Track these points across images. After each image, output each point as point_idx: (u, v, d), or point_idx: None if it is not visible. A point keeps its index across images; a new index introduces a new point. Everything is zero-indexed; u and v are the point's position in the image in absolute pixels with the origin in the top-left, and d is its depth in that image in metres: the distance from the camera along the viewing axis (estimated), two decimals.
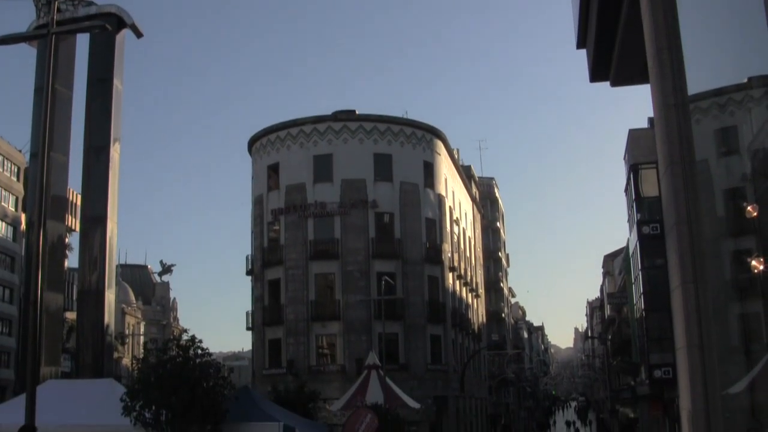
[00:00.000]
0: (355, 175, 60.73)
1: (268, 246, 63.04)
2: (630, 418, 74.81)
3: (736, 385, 8.39)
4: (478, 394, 79.92)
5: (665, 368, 44.53)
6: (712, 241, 8.92)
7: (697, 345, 8.79)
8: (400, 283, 59.59)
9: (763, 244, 7.41)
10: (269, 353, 61.67)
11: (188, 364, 20.77)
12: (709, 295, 8.83)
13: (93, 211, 36.44)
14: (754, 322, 7.89)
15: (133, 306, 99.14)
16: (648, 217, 47.81)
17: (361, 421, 27.08)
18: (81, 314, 36.80)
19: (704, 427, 8.70)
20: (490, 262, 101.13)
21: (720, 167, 8.84)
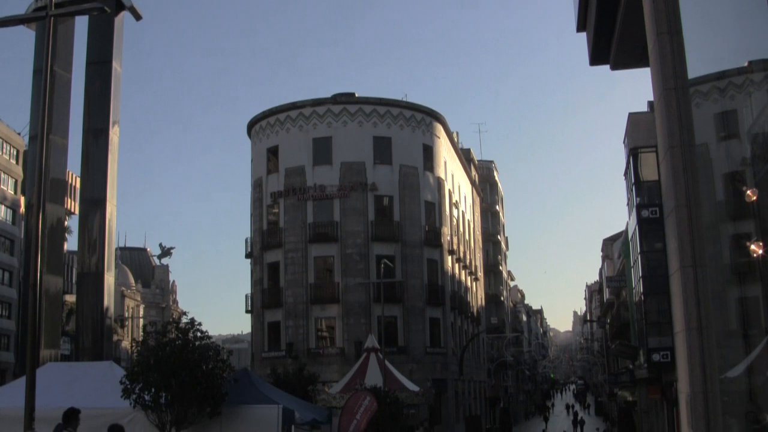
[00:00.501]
0: (354, 158, 60.69)
1: (267, 229, 63.03)
2: (628, 401, 74.89)
3: (734, 369, 8.42)
4: (477, 377, 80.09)
5: (664, 352, 44.55)
6: (711, 225, 8.93)
7: (695, 328, 8.80)
8: (399, 266, 59.63)
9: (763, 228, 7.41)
10: (268, 336, 61.75)
11: (187, 346, 20.78)
12: (708, 279, 8.84)
13: (92, 194, 36.46)
14: (752, 306, 7.90)
15: (133, 289, 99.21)
16: (647, 200, 47.75)
17: (360, 404, 27.15)
18: (80, 297, 36.85)
19: (702, 410, 8.72)
20: (489, 245, 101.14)
21: (720, 151, 8.84)
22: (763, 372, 7.40)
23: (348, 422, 26.23)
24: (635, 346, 58.47)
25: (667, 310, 41.28)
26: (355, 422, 26.52)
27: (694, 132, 9.00)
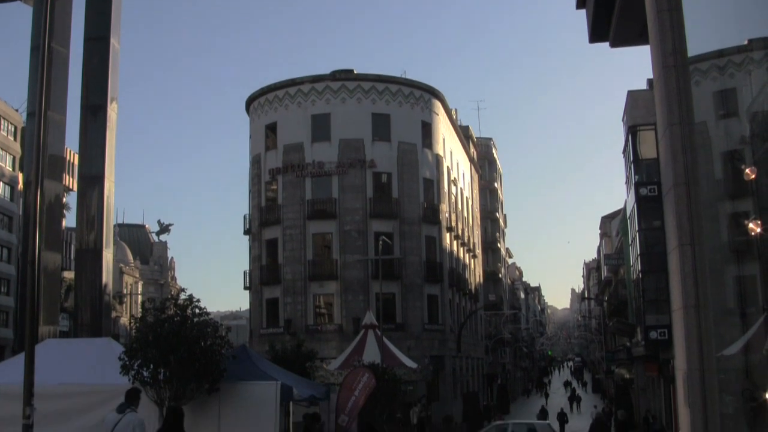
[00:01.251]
0: (353, 134, 60.61)
1: (265, 205, 63.01)
2: (625, 378, 75.10)
3: (731, 347, 8.44)
4: (475, 354, 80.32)
5: (661, 330, 44.65)
6: (709, 203, 8.93)
7: (693, 306, 8.82)
8: (398, 243, 59.67)
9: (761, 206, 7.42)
10: (267, 312, 61.88)
11: (186, 323, 20.78)
12: (706, 256, 8.85)
13: (90, 171, 36.33)
14: (750, 285, 7.92)
15: (131, 265, 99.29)
16: (646, 178, 47.73)
17: (359, 380, 27.19)
18: (79, 274, 36.80)
19: (699, 387, 8.75)
20: (487, 223, 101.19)
21: (719, 129, 8.83)
22: (760, 350, 7.43)
23: (346, 399, 26.27)
24: (633, 324, 58.59)
25: (664, 288, 41.34)
26: (353, 398, 26.56)
27: (693, 110, 8.99)
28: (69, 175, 68.57)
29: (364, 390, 27.06)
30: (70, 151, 65.68)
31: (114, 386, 21.05)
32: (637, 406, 65.22)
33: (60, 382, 21.24)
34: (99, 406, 21.45)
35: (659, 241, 42.55)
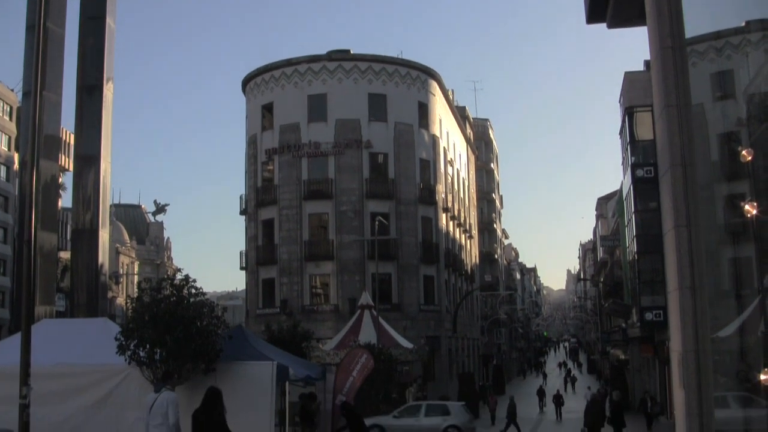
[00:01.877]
0: (349, 115, 60.52)
1: (262, 186, 62.97)
2: (620, 359, 75.31)
3: (726, 329, 8.47)
4: (471, 335, 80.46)
5: (656, 311, 44.79)
6: (705, 184, 8.94)
7: (689, 287, 8.84)
8: (394, 223, 59.69)
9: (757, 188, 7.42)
10: (263, 293, 61.94)
11: (182, 303, 20.80)
12: (702, 238, 8.87)
13: (86, 151, 36.23)
14: (745, 267, 7.93)
15: (127, 245, 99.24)
16: (642, 160, 47.75)
17: (357, 361, 27.20)
18: (75, 254, 36.78)
19: (694, 368, 8.78)
20: (483, 203, 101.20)
21: (715, 111, 8.83)
22: (755, 332, 7.45)
23: (344, 380, 26.29)
24: (628, 305, 58.72)
25: (660, 269, 41.46)
26: (351, 379, 26.56)
27: (690, 91, 8.98)
28: (65, 155, 68.43)
29: (362, 371, 27.06)
30: (66, 131, 65.54)
31: (110, 366, 21.11)
32: (632, 387, 65.46)
33: (56, 362, 21.27)
34: (95, 385, 21.53)
35: (655, 223, 42.63)
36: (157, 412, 16.23)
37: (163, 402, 16.24)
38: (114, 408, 21.24)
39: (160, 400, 16.33)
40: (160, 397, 16.45)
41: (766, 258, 7.43)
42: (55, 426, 20.89)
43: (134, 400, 21.24)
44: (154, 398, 16.56)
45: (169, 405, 16.21)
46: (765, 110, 7.26)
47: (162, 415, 16.14)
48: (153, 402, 16.42)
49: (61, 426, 21.02)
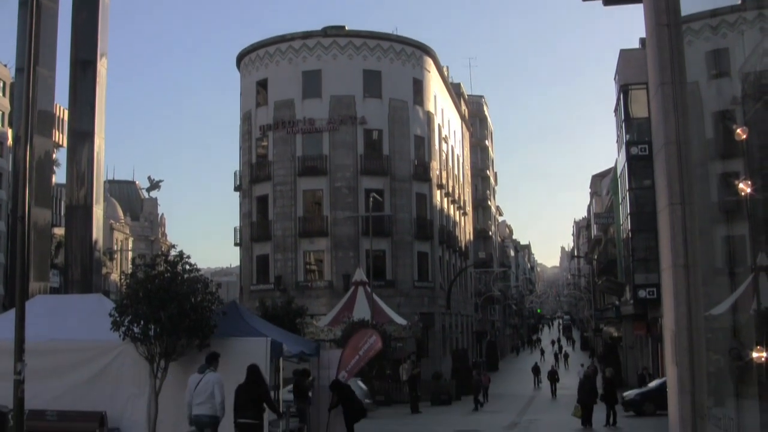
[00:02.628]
0: (344, 91, 60.42)
1: (256, 162, 62.92)
2: (613, 337, 75.68)
3: (718, 306, 8.49)
4: (465, 311, 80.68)
5: (650, 288, 44.99)
6: (700, 162, 8.93)
7: (682, 265, 8.86)
8: (388, 199, 59.68)
9: (751, 167, 7.43)
10: (257, 269, 62.00)
11: (176, 279, 20.75)
12: (696, 216, 8.88)
13: (80, 127, 36.09)
14: (738, 245, 7.95)
15: (121, 222, 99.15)
16: (637, 137, 47.86)
17: (366, 341, 27.22)
18: (69, 230, 36.70)
19: (687, 346, 8.82)
20: (478, 180, 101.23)
21: (710, 89, 8.81)
22: (747, 310, 7.47)
23: (350, 357, 26.36)
24: (622, 283, 58.94)
25: (654, 247, 41.57)
26: (357, 357, 26.63)
27: (685, 69, 8.97)
28: (59, 131, 68.20)
29: (369, 352, 27.06)
30: (60, 107, 65.29)
31: (105, 342, 21.11)
32: (624, 364, 65.80)
33: (51, 338, 21.28)
34: (90, 362, 21.54)
35: (649, 201, 42.75)
36: (201, 391, 17.03)
37: (208, 382, 17.04)
38: (108, 384, 21.26)
39: (205, 380, 17.12)
40: (204, 377, 17.24)
41: (759, 236, 7.44)
42: (49, 402, 20.92)
43: (129, 376, 21.28)
44: (198, 378, 17.32)
45: (215, 385, 16.99)
46: (760, 89, 7.26)
47: (206, 395, 16.91)
48: (198, 382, 17.20)
49: (55, 402, 21.05)
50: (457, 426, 32.84)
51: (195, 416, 17.13)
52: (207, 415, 16.97)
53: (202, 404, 17.00)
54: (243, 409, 16.57)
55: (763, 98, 7.12)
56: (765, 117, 7.15)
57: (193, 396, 17.14)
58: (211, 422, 17.07)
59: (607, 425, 32.33)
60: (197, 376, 17.49)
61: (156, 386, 20.40)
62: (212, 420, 17.08)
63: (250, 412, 16.40)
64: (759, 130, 7.18)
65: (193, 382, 17.35)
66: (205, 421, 17.02)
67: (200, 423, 17.09)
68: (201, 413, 17.03)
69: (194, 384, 17.29)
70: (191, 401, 17.15)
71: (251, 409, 16.42)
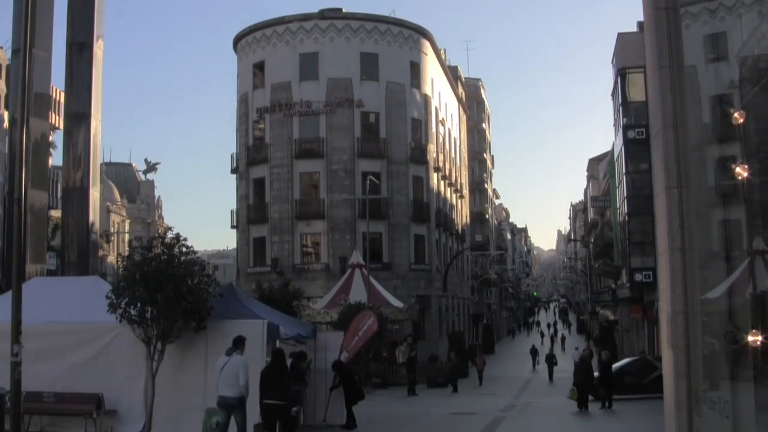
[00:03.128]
0: (341, 74, 60.31)
1: (253, 144, 62.86)
2: (610, 320, 75.82)
3: (715, 290, 8.50)
4: (461, 294, 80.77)
5: (646, 272, 45.05)
6: (697, 146, 8.94)
7: (679, 249, 8.87)
8: (385, 182, 59.65)
9: (748, 151, 7.43)
10: (254, 251, 62.03)
11: (173, 261, 20.73)
12: (693, 200, 8.88)
13: (76, 109, 35.99)
14: (735, 229, 7.96)
15: (118, 204, 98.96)
16: (634, 121, 47.81)
17: (365, 323, 27.49)
18: (66, 212, 36.65)
19: (683, 329, 8.84)
20: (475, 163, 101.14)
21: (708, 73, 8.82)
22: (743, 293, 7.49)
23: (351, 338, 26.65)
24: (618, 266, 59.00)
25: (650, 230, 41.65)
26: (356, 339, 26.91)
27: (683, 53, 8.96)
28: (55, 114, 68.07)
29: (366, 333, 27.36)
30: (56, 89, 65.17)
31: (101, 324, 21.13)
32: (620, 347, 65.91)
33: (47, 320, 21.29)
34: (86, 344, 21.56)
35: (646, 184, 42.80)
36: (228, 373, 17.49)
37: (234, 365, 17.48)
38: (105, 366, 21.29)
39: (231, 363, 17.57)
40: (231, 360, 17.68)
41: (755, 220, 7.46)
42: (46, 384, 20.95)
43: (125, 358, 21.31)
44: (225, 361, 17.74)
45: (240, 367, 17.46)
46: (758, 72, 7.25)
47: (232, 377, 17.38)
48: (224, 364, 17.65)
49: (52, 384, 21.08)
50: (453, 408, 32.94)
51: (221, 397, 17.65)
52: (233, 396, 17.47)
53: (228, 386, 17.50)
54: (268, 390, 17.08)
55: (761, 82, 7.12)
56: (762, 101, 7.15)
57: (220, 378, 17.65)
58: (237, 403, 17.57)
59: (602, 408, 32.40)
60: (224, 358, 17.89)
61: (153, 368, 20.44)
62: (238, 401, 17.58)
63: (275, 394, 16.92)
64: (756, 114, 7.18)
65: (219, 365, 17.83)
66: (231, 402, 17.52)
67: (226, 404, 17.61)
68: (227, 395, 17.53)
69: (221, 366, 17.79)
70: (218, 382, 17.70)
71: (276, 391, 16.94)
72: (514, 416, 31.11)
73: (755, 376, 6.94)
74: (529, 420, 30.04)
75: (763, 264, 6.78)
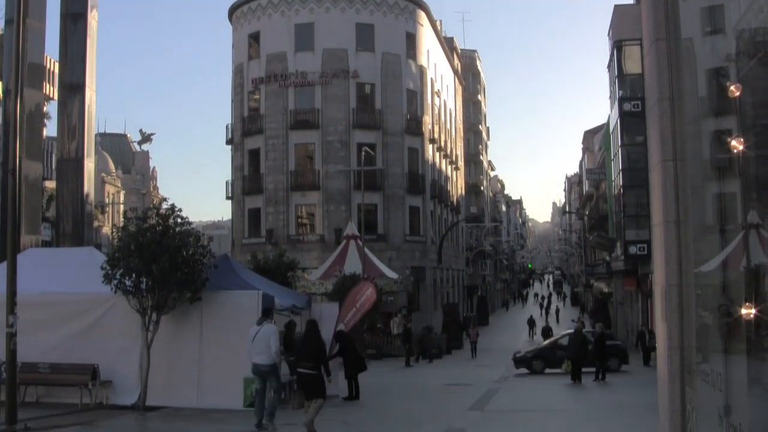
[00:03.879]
0: (336, 44, 60.08)
1: (248, 115, 62.73)
2: (604, 292, 76.05)
3: (709, 263, 8.52)
4: (456, 266, 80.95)
5: (640, 245, 45.13)
6: (692, 119, 8.93)
7: (673, 222, 8.89)
8: (380, 154, 59.61)
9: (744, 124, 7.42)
10: (249, 222, 62.04)
11: (168, 232, 20.71)
12: (688, 173, 8.89)
13: (71, 79, 35.95)
14: (729, 202, 7.96)
15: (113, 175, 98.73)
16: (630, 94, 47.74)
17: (363, 293, 27.51)
18: (60, 183, 36.68)
19: (676, 302, 8.87)
20: (470, 135, 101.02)
21: (704, 46, 8.79)
22: (737, 267, 7.50)
23: (348, 310, 26.66)
24: (613, 239, 59.09)
25: (645, 203, 41.65)
26: (353, 311, 26.91)
27: (680, 25, 8.93)
28: (49, 84, 67.82)
29: (365, 303, 27.33)
30: (51, 59, 64.92)
31: (96, 295, 21.16)
32: (614, 319, 66.17)
33: (43, 291, 21.32)
34: (82, 314, 21.62)
35: (641, 157, 42.76)
36: (259, 341, 18.07)
37: (265, 333, 18.08)
38: (100, 337, 21.36)
39: (262, 332, 18.14)
40: (262, 329, 18.20)
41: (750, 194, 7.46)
42: (41, 354, 21.02)
43: (120, 329, 21.37)
44: (257, 330, 18.23)
45: (271, 336, 18.08)
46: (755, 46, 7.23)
47: (264, 344, 17.99)
48: (256, 333, 18.17)
49: (48, 354, 21.15)
50: (447, 380, 33.11)
51: (254, 365, 18.24)
52: (265, 363, 18.08)
53: (259, 354, 18.08)
54: (304, 359, 17.60)
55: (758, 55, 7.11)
56: (759, 74, 7.14)
57: (252, 346, 18.18)
58: (269, 370, 18.21)
59: (596, 380, 32.55)
60: (255, 327, 18.34)
61: (148, 339, 20.49)
62: (270, 368, 18.20)
63: (310, 363, 17.40)
64: (753, 88, 7.18)
65: (251, 334, 18.26)
66: (264, 369, 18.14)
67: (259, 371, 18.22)
68: (259, 362, 18.13)
69: (253, 335, 18.24)
70: (251, 350, 18.27)
71: (311, 360, 17.43)
72: (508, 387, 31.28)
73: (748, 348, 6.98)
74: (524, 391, 30.20)
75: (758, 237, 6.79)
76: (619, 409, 23.32)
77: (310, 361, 17.50)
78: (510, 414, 22.54)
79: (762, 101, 7.41)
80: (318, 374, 17.50)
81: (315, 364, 17.53)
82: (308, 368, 17.46)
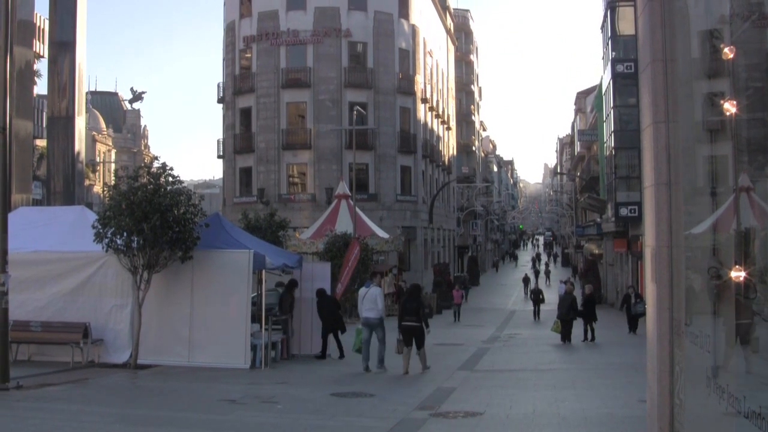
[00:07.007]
0: (328, 3, 59.74)
1: (239, 74, 62.44)
2: (594, 253, 76.27)
3: (699, 225, 8.53)
4: (447, 226, 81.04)
5: (631, 206, 45.21)
6: (685, 81, 8.90)
7: (665, 183, 8.89)
8: (372, 113, 59.44)
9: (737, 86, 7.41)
10: (240, 181, 61.99)
11: (159, 191, 20.69)
12: (680, 135, 8.88)
13: (61, 37, 35.76)
14: (721, 165, 7.97)
15: (104, 133, 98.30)
16: (623, 55, 47.61)
17: (353, 252, 30.50)
18: (51, 141, 36.62)
19: (666, 264, 8.89)
20: (462, 95, 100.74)
21: (698, 7, 8.75)
22: (727, 229, 7.52)
23: (343, 270, 28.29)
24: (604, 200, 59.21)
25: (636, 165, 41.73)
26: (347, 269, 28.18)
27: None
28: (39, 42, 67.39)
29: (354, 261, 29.74)
30: (40, 16, 64.43)
31: (88, 254, 21.18)
32: (604, 280, 66.45)
33: (34, 249, 21.33)
34: (73, 273, 21.64)
35: (633, 119, 42.75)
36: (369, 299, 21.82)
37: (374, 293, 21.88)
38: (92, 295, 21.41)
39: (371, 292, 21.92)
40: (370, 290, 22.02)
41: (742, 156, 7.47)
42: (33, 312, 21.09)
43: (111, 287, 21.43)
44: (365, 291, 22.15)
45: (377, 296, 21.90)
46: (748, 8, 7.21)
47: (372, 302, 21.75)
48: (366, 293, 22.01)
49: (39, 312, 21.22)
50: (437, 339, 33.24)
51: (365, 318, 21.74)
52: (374, 317, 21.67)
53: (370, 309, 21.74)
54: (408, 314, 21.11)
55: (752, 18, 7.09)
56: (752, 37, 7.12)
57: (363, 303, 21.90)
58: (378, 322, 21.69)
59: (585, 341, 32.73)
60: (364, 289, 22.34)
61: (139, 298, 20.54)
62: (378, 321, 21.71)
63: (413, 317, 20.99)
64: (746, 50, 7.16)
65: (362, 294, 22.18)
66: (373, 321, 21.62)
67: (369, 324, 21.65)
68: (369, 316, 21.69)
69: (363, 295, 22.07)
70: (361, 307, 21.98)
71: (413, 315, 21.02)
72: (498, 347, 31.42)
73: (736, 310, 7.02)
74: (513, 351, 30.33)
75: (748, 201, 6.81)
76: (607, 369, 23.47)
77: (413, 315, 21.00)
78: (499, 373, 22.70)
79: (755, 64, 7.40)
80: (420, 326, 21.07)
81: (417, 318, 20.97)
82: (412, 321, 20.92)
